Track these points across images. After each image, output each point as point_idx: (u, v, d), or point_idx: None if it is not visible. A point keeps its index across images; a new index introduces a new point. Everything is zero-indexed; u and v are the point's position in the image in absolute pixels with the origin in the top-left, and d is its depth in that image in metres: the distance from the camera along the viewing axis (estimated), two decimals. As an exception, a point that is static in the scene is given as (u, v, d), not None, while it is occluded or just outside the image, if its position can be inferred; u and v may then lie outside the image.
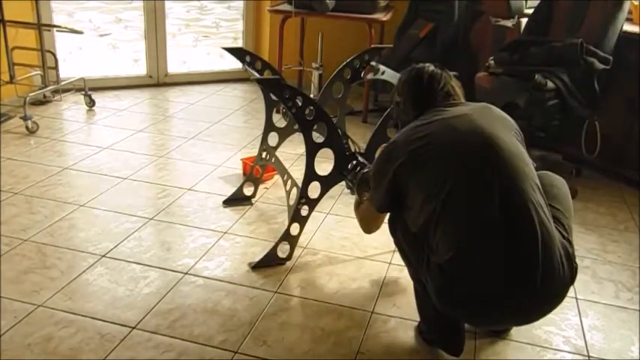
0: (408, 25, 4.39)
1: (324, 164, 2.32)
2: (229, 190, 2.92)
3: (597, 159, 3.38)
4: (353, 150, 2.41)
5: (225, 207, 2.84)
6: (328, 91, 2.76)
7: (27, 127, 3.62)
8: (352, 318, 2.09)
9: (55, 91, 4.17)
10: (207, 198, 2.91)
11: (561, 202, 1.86)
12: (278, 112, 3.33)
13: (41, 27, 3.86)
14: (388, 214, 1.94)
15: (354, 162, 2.33)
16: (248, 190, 2.92)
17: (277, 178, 3.12)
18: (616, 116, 3.34)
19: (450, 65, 2.01)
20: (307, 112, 2.23)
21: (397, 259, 2.48)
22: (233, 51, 2.67)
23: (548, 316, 2.14)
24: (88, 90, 4.12)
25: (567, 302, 2.26)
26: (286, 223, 2.41)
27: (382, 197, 1.85)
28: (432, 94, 1.86)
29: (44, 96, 4.14)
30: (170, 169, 3.23)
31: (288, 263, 2.40)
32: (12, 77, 3.83)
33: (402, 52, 4.20)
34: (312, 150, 2.27)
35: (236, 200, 2.89)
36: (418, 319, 2.09)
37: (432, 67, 1.92)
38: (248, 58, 2.65)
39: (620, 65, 3.14)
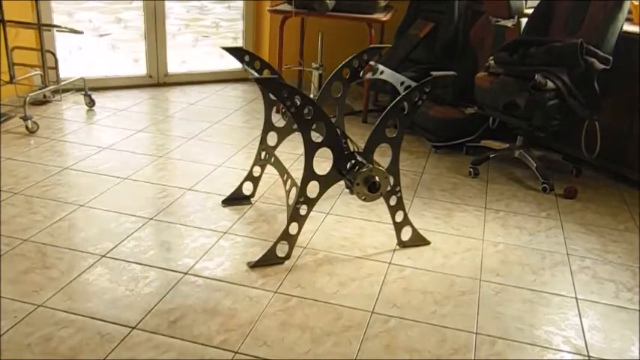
0: (408, 25, 4.39)
1: (324, 164, 2.32)
2: (229, 190, 2.93)
3: (597, 159, 3.38)
4: (352, 149, 2.41)
5: (224, 207, 2.84)
6: (327, 91, 2.76)
7: (27, 127, 3.62)
8: (352, 318, 2.09)
9: (55, 91, 4.18)
10: (207, 198, 2.92)
11: None
12: (277, 111, 3.34)
13: (41, 27, 3.86)
14: None
15: (353, 161, 2.33)
16: (247, 190, 2.92)
17: (277, 178, 3.12)
18: (616, 116, 3.35)
19: (450, 65, 2.01)
20: (306, 111, 2.23)
21: (397, 259, 2.49)
22: (232, 50, 2.67)
23: (548, 316, 2.16)
24: (88, 90, 4.12)
25: (567, 302, 2.26)
26: (286, 222, 2.41)
27: None
28: None
29: (44, 96, 4.14)
30: (170, 169, 3.23)
31: (288, 263, 2.40)
32: (12, 77, 3.83)
33: (402, 52, 4.21)
34: (310, 149, 2.27)
35: (235, 200, 2.89)
36: (418, 318, 2.09)
37: None
38: (247, 58, 2.65)
39: (620, 65, 3.14)
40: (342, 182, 2.41)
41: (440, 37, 4.11)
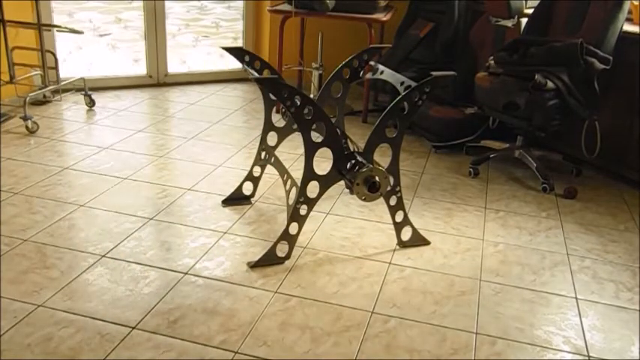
0: (408, 25, 4.39)
1: (324, 164, 2.32)
2: (229, 190, 2.93)
3: (597, 159, 3.38)
4: (352, 149, 2.41)
5: (224, 207, 2.84)
6: (327, 91, 2.76)
7: (27, 127, 3.62)
8: (352, 318, 2.09)
9: (55, 91, 4.18)
10: (207, 198, 2.92)
11: None
12: (277, 111, 3.34)
13: (41, 27, 3.86)
14: None
15: (353, 161, 2.33)
16: (247, 190, 2.92)
17: (277, 177, 3.12)
18: (616, 116, 3.34)
19: (450, 65, 2.01)
20: (306, 111, 2.23)
21: (397, 259, 2.49)
22: (232, 50, 2.67)
23: (548, 316, 2.16)
24: (88, 90, 4.12)
25: (567, 302, 2.26)
26: (286, 222, 2.41)
27: None
28: None
29: (44, 96, 4.14)
30: (170, 169, 3.24)
31: (288, 263, 2.40)
32: (12, 77, 3.83)
33: (402, 52, 4.20)
34: (310, 149, 2.27)
35: (235, 200, 2.89)
36: (418, 318, 2.09)
37: None
38: (247, 58, 2.65)
39: (620, 65, 3.14)
40: (342, 182, 2.41)
41: (440, 37, 4.11)
